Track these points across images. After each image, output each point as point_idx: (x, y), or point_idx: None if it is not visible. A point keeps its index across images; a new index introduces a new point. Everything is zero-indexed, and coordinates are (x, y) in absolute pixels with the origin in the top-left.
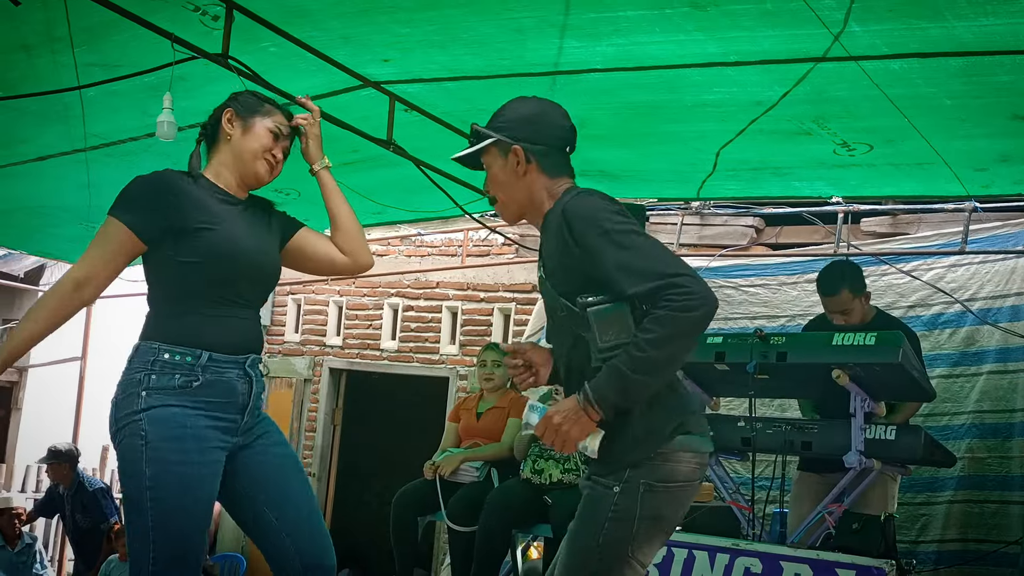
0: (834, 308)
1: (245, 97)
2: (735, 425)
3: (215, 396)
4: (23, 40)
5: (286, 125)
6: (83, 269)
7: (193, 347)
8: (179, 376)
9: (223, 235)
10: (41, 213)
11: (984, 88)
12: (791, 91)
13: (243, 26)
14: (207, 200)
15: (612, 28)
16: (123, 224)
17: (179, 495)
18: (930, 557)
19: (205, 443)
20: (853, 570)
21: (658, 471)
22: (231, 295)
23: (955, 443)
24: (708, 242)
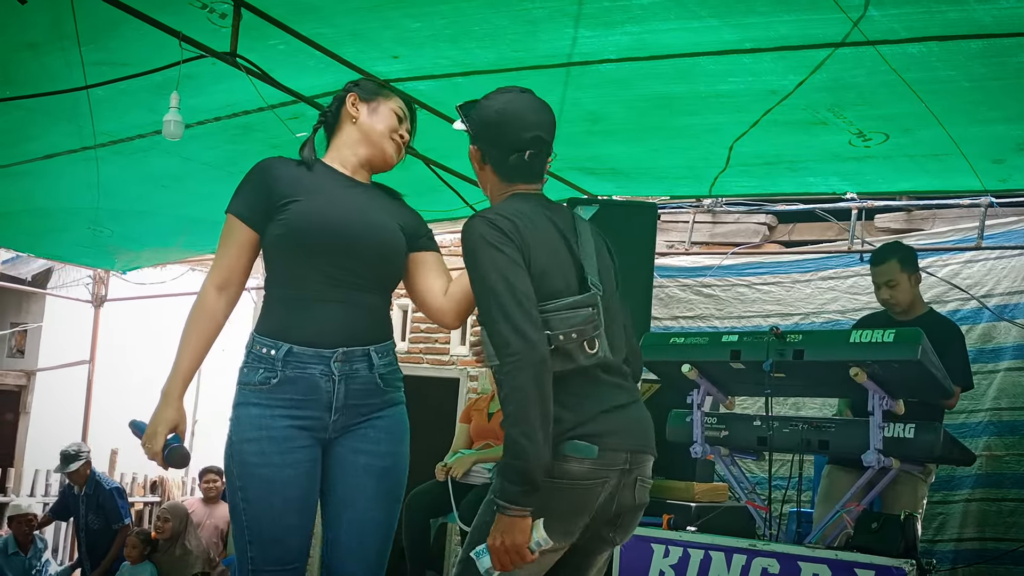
0: (880, 279)
1: (364, 83)
2: (751, 424)
3: (296, 393)
4: (30, 39)
5: (405, 108)
6: (217, 272)
7: (276, 339)
8: (261, 371)
9: (311, 205)
10: (49, 215)
11: (1004, 69)
12: (808, 79)
13: (251, 23)
14: (306, 177)
15: (626, 16)
16: (232, 215)
17: (265, 497)
18: (947, 556)
19: (286, 444)
20: (872, 570)
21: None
22: (323, 275)
23: (973, 440)
24: (720, 240)
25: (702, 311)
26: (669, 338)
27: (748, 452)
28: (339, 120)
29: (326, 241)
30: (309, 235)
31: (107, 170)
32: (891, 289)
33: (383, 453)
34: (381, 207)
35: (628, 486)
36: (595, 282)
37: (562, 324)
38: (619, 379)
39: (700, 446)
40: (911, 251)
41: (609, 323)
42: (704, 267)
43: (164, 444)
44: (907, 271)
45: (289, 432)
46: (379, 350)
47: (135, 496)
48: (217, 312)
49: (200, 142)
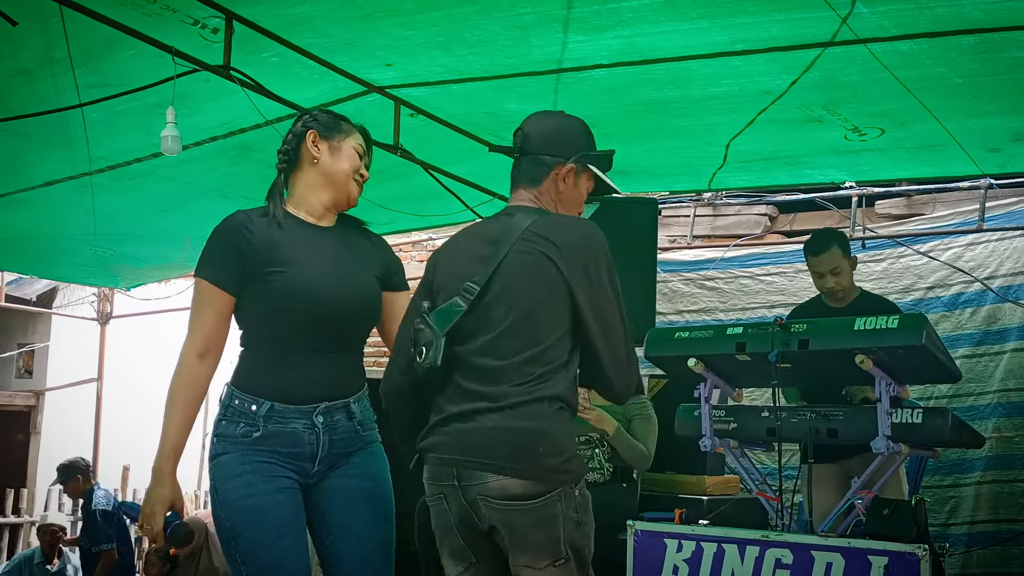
0: (824, 268)
1: (323, 117)
2: (759, 415)
3: (279, 445)
4: (22, 65)
5: (363, 144)
6: (197, 338)
7: (257, 395)
8: (243, 425)
9: (292, 278)
10: (50, 239)
11: (995, 65)
12: (800, 79)
13: (244, 37)
14: (281, 239)
15: (616, 19)
16: (206, 281)
17: (254, 526)
18: (961, 540)
19: (269, 473)
20: (886, 556)
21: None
22: (306, 339)
23: (982, 423)
24: (722, 232)
25: (706, 304)
26: (674, 333)
27: (757, 443)
28: (299, 158)
29: (312, 314)
30: (296, 310)
31: (106, 196)
32: (836, 276)
33: (370, 475)
34: (356, 259)
35: (472, 504)
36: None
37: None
38: (475, 385)
39: (709, 439)
40: (845, 236)
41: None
42: (707, 260)
43: (165, 523)
44: (847, 256)
45: (271, 467)
46: (356, 399)
47: None
48: (200, 380)
49: (198, 164)
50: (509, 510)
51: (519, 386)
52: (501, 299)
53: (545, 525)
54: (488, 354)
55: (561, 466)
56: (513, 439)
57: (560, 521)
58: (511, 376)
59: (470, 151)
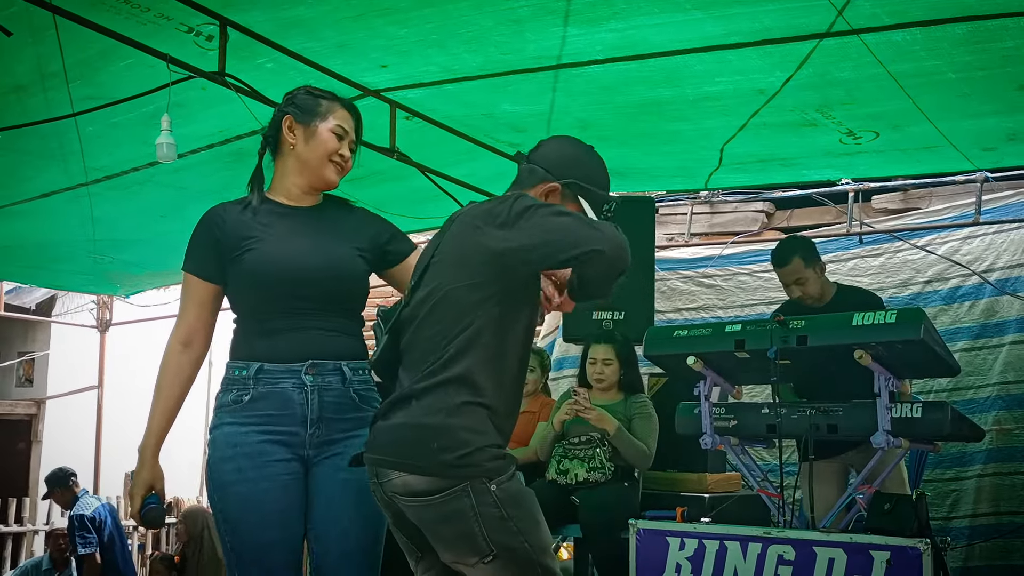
0: (788, 279)
1: (302, 98)
2: (759, 412)
3: (270, 408)
4: (16, 81)
5: (349, 120)
6: (181, 328)
7: (247, 359)
8: (234, 391)
9: (261, 253)
10: (48, 248)
11: (989, 57)
12: (794, 75)
13: (238, 43)
14: (252, 222)
15: (611, 12)
16: (186, 272)
17: (241, 516)
18: (963, 533)
19: (261, 458)
20: (888, 551)
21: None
22: (285, 307)
23: (982, 416)
24: (719, 230)
25: (705, 302)
26: (673, 331)
27: (758, 440)
28: (279, 144)
29: (283, 283)
30: (265, 281)
31: (104, 205)
32: (800, 286)
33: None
34: (333, 232)
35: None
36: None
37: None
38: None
39: (710, 437)
40: (809, 243)
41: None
42: (704, 258)
43: (142, 505)
44: (811, 265)
45: (263, 447)
46: (351, 366)
47: None
48: (183, 368)
49: (195, 171)
50: (415, 506)
51: (423, 373)
52: (425, 289)
53: (453, 521)
54: (410, 346)
55: (460, 460)
56: (410, 435)
57: (471, 516)
58: (419, 365)
59: (467, 153)
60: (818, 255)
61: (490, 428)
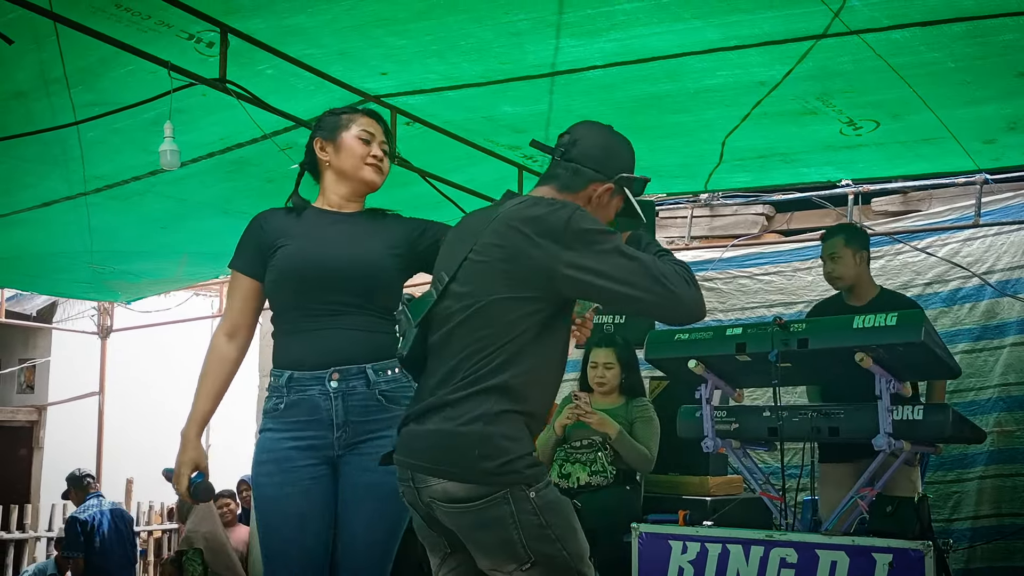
0: (825, 252)
1: (325, 120)
2: (761, 415)
3: (300, 415)
4: (17, 87)
5: (372, 124)
6: (226, 321)
7: (280, 367)
8: (273, 398)
9: (294, 248)
10: (48, 258)
11: (988, 48)
12: (794, 69)
13: (239, 50)
14: (291, 223)
15: (609, 23)
16: (233, 269)
17: (269, 515)
18: (965, 535)
19: (287, 463)
20: (890, 554)
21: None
22: (314, 305)
23: (983, 418)
24: (719, 233)
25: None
26: (673, 334)
27: (759, 443)
28: (316, 166)
29: (309, 277)
30: (292, 274)
31: (103, 215)
32: (833, 262)
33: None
34: (367, 233)
35: (428, 506)
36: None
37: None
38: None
39: (711, 440)
40: (860, 232)
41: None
42: (705, 261)
43: (189, 483)
44: (851, 247)
45: (290, 452)
46: (376, 368)
47: (153, 524)
48: (227, 356)
49: (195, 180)
50: (454, 513)
51: (462, 381)
52: (464, 287)
53: (492, 527)
54: (445, 347)
55: (501, 468)
56: (449, 443)
57: (510, 523)
58: (455, 370)
59: (467, 158)
60: (865, 244)
61: (526, 435)
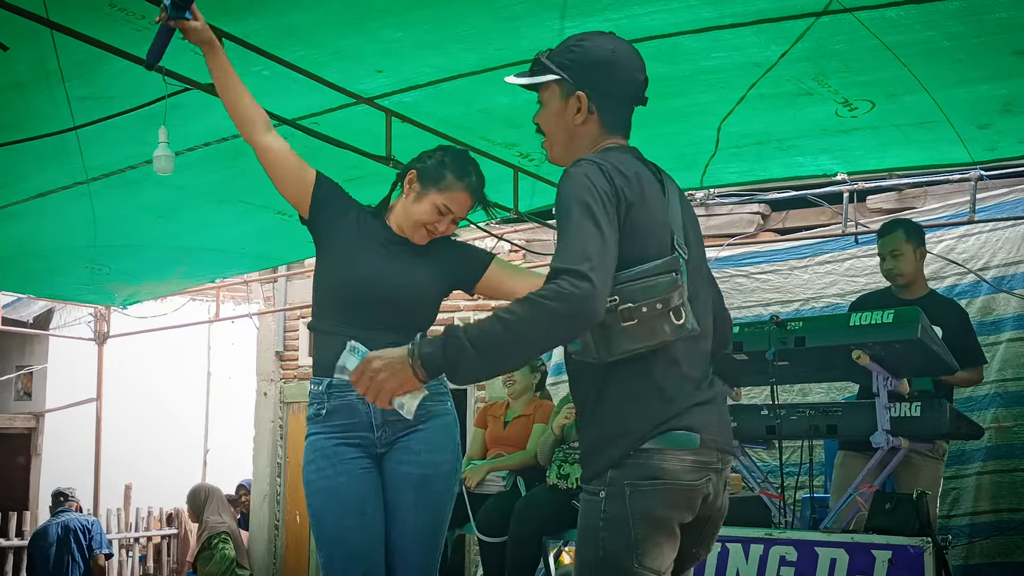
0: (886, 249)
1: (434, 164)
2: (758, 414)
3: (342, 419)
4: (16, 79)
5: (461, 202)
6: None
7: (320, 375)
8: (315, 405)
9: (350, 258)
10: (46, 256)
11: (983, 26)
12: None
13: (233, 52)
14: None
15: (606, 3)
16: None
17: (324, 506)
18: (964, 531)
19: (337, 457)
20: (889, 550)
21: (642, 469)
22: (357, 318)
23: (980, 414)
24: (715, 232)
25: None
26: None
27: (758, 442)
28: (400, 191)
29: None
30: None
31: (100, 205)
32: (895, 259)
33: (422, 462)
34: (419, 262)
35: (720, 490)
36: (680, 243)
37: (644, 295)
38: (705, 366)
39: None
40: (917, 226)
41: (693, 295)
42: None
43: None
44: (912, 242)
45: (339, 449)
46: None
47: (152, 530)
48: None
49: (192, 169)
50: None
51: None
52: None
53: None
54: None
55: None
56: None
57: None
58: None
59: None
60: (923, 241)
61: None
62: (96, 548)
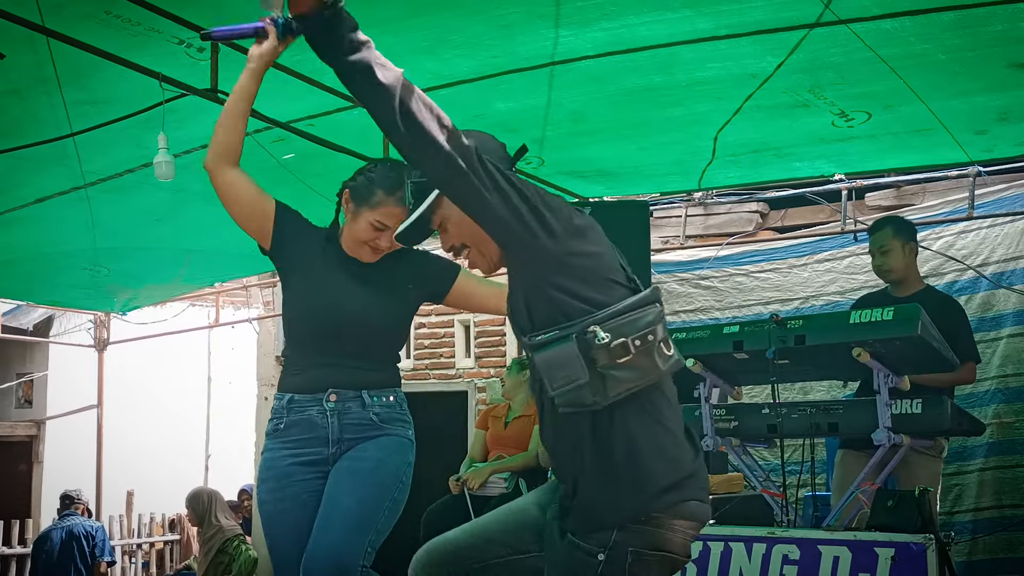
0: (875, 245)
1: (361, 179)
2: (760, 413)
3: (300, 433)
4: (12, 86)
5: (396, 216)
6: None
7: (282, 391)
8: (273, 420)
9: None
10: (45, 261)
11: (978, 39)
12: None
13: (230, 56)
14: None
15: (600, 13)
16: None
17: (269, 529)
18: (967, 527)
19: (287, 479)
20: (892, 548)
21: (649, 537)
22: (323, 343)
23: (981, 410)
24: (714, 231)
25: (702, 304)
26: (671, 334)
27: (759, 441)
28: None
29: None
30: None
31: (99, 209)
32: (884, 256)
33: (366, 458)
34: (380, 286)
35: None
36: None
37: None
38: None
39: (711, 439)
40: (907, 223)
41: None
42: (700, 260)
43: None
44: (900, 239)
45: (290, 469)
46: (373, 393)
47: (155, 536)
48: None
49: (189, 172)
50: None
51: None
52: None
53: None
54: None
55: None
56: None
57: None
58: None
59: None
60: (913, 236)
61: None
62: (99, 555)
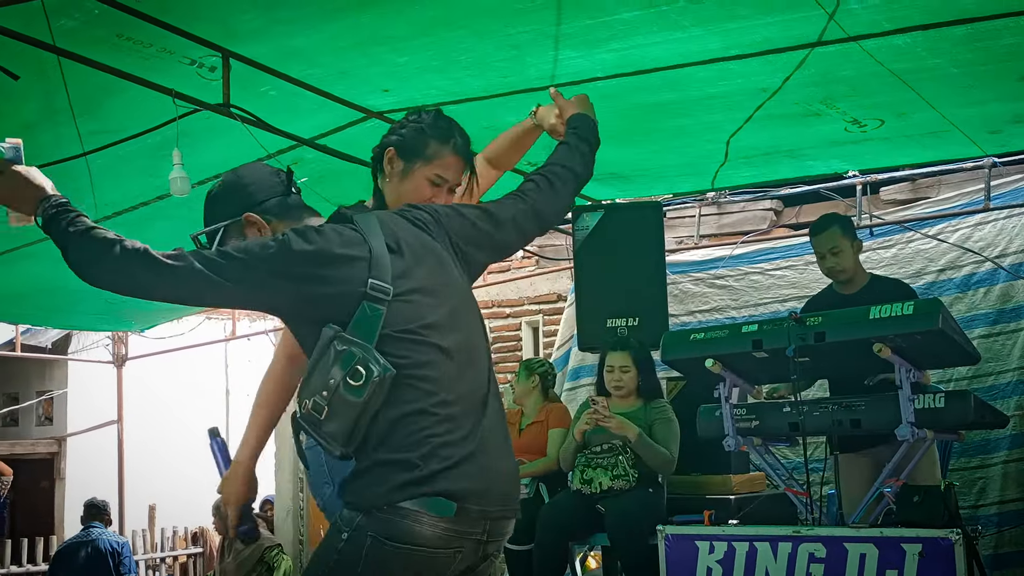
0: (824, 247)
1: (411, 130)
2: (781, 411)
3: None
4: (24, 119)
5: (454, 168)
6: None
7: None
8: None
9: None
10: (62, 293)
11: (990, 54)
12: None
13: (241, 73)
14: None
15: (609, 33)
16: None
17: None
18: (992, 520)
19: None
20: (919, 544)
21: (390, 527)
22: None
23: (1003, 402)
24: (728, 230)
25: (718, 303)
26: (689, 334)
27: (781, 439)
28: (381, 174)
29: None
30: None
31: None
32: (835, 256)
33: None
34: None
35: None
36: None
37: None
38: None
39: (733, 439)
40: (849, 220)
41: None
42: (715, 259)
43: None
44: (848, 237)
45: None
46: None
47: (178, 549)
48: (285, 380)
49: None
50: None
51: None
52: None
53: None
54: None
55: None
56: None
57: None
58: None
59: None
60: (855, 234)
61: None
62: (124, 572)
